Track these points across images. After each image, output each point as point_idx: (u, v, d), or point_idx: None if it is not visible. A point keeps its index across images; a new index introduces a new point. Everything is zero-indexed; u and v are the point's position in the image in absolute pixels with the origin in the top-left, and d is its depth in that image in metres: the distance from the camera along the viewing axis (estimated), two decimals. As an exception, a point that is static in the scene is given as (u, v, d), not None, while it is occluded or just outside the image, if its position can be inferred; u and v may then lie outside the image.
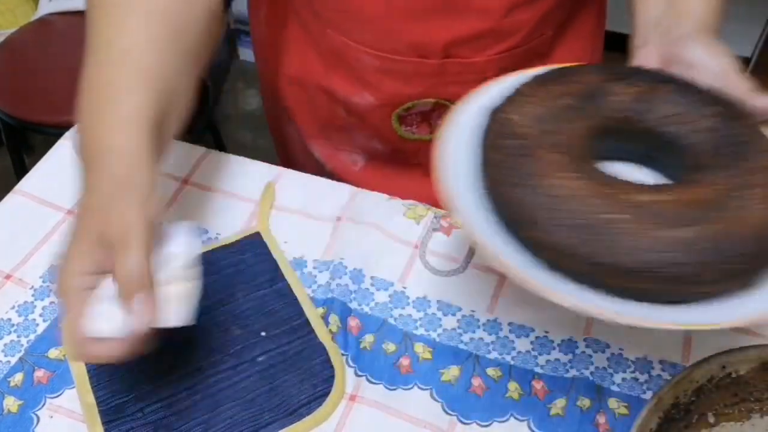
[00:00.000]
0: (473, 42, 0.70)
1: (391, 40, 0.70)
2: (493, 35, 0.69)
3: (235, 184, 0.73)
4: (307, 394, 0.58)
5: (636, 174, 0.56)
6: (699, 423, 0.55)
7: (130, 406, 0.57)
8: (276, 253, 0.67)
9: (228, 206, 0.71)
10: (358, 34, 0.71)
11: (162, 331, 0.50)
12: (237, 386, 0.58)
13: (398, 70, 0.72)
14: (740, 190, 0.46)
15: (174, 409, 0.57)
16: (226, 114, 2.15)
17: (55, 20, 1.62)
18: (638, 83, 0.53)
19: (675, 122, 0.52)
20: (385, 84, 0.74)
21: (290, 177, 0.74)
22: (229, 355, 0.60)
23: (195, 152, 0.76)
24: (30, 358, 0.60)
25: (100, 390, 0.58)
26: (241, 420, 0.56)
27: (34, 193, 0.72)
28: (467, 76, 0.72)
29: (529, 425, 0.57)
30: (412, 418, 0.57)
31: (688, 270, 0.44)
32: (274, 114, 0.91)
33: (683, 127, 0.52)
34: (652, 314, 0.45)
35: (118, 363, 0.50)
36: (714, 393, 0.54)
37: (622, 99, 0.53)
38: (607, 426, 0.56)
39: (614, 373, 0.59)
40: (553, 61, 0.76)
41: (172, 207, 0.71)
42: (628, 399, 0.58)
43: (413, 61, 0.71)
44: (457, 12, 0.67)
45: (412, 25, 0.68)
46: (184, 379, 0.59)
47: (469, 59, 0.71)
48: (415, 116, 0.77)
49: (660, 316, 0.45)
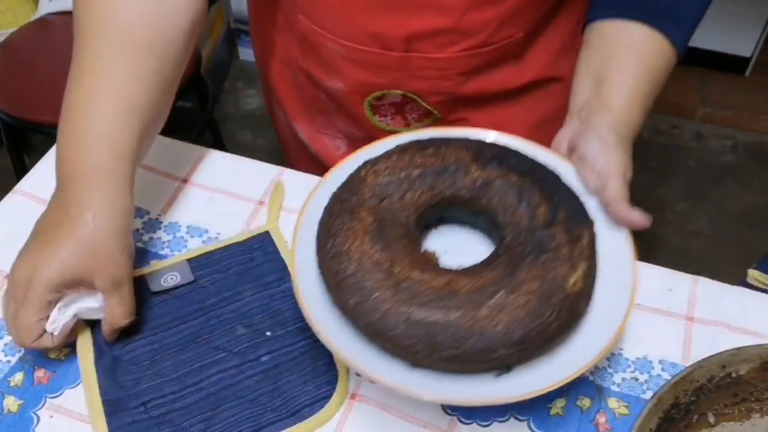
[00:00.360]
0: (434, 37, 0.69)
1: (354, 30, 0.70)
2: (454, 32, 0.69)
3: (235, 184, 0.73)
4: (310, 396, 0.58)
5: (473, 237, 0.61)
6: (699, 423, 0.55)
7: (133, 400, 0.57)
8: (284, 252, 0.67)
9: (228, 206, 0.71)
10: (324, 22, 0.71)
11: (169, 325, 0.58)
12: (240, 385, 0.58)
13: (363, 60, 0.72)
14: (505, 293, 0.50)
15: (177, 405, 0.57)
16: (226, 113, 2.15)
17: (55, 20, 1.61)
18: (496, 169, 0.57)
19: (504, 212, 0.56)
20: (353, 72, 0.74)
21: (290, 176, 0.74)
22: (234, 354, 0.60)
23: (195, 152, 0.76)
24: (30, 358, 0.60)
25: (106, 382, 0.58)
26: (243, 419, 0.56)
27: (34, 193, 0.72)
28: (430, 71, 0.72)
29: (529, 425, 0.57)
30: (413, 418, 0.57)
31: (420, 345, 0.50)
32: (268, 99, 0.92)
33: (509, 218, 0.56)
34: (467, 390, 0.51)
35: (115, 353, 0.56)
36: (714, 393, 0.54)
37: (473, 180, 0.57)
38: (607, 426, 0.56)
39: (614, 373, 0.59)
40: (528, 63, 0.75)
41: (172, 206, 0.71)
42: (628, 399, 0.58)
43: (376, 52, 0.71)
44: (414, 7, 0.67)
45: (373, 16, 0.68)
46: (187, 376, 0.59)
47: (431, 55, 0.70)
48: (389, 107, 0.77)
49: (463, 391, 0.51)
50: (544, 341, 0.50)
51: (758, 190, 1.90)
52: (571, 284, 0.51)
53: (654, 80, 0.62)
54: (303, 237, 0.57)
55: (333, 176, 0.60)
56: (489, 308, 0.50)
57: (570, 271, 0.51)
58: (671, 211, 1.85)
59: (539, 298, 0.50)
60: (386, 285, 0.51)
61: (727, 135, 2.05)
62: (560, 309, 0.50)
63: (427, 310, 0.50)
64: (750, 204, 1.88)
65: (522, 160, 0.58)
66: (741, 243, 1.79)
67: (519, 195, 0.56)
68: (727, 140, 2.03)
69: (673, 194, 1.89)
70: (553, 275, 0.51)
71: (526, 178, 0.56)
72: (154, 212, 0.71)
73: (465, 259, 0.56)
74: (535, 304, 0.50)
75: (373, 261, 0.53)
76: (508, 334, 0.49)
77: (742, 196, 1.89)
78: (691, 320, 0.62)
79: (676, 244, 1.79)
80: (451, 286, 0.51)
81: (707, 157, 1.99)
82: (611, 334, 0.52)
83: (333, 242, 0.54)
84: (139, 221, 0.70)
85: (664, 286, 0.64)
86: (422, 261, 0.54)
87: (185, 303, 0.63)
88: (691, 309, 0.63)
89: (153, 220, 0.70)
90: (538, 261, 0.52)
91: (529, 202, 0.55)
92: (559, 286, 0.51)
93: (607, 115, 0.59)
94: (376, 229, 0.55)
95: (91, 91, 0.60)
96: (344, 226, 0.55)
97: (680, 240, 1.80)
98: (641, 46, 0.62)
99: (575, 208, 0.55)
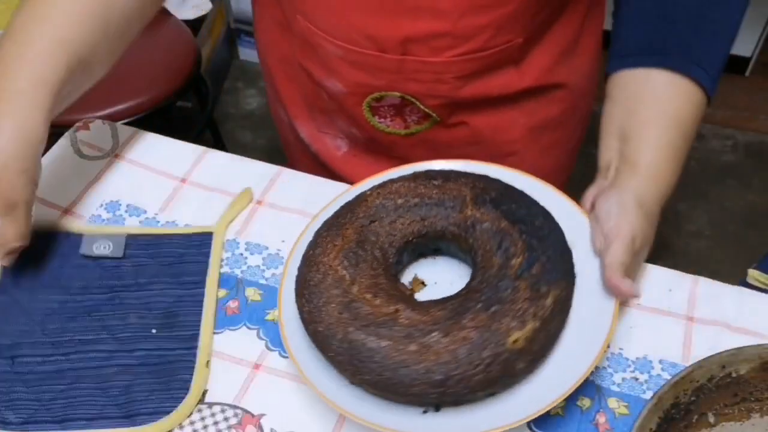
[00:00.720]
0: (430, 41, 0.68)
1: (351, 32, 0.69)
2: (450, 37, 0.68)
3: (235, 183, 0.73)
4: (152, 406, 0.57)
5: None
6: (699, 423, 0.54)
7: (6, 351, 0.58)
8: (216, 259, 0.66)
9: (227, 205, 0.71)
10: (321, 22, 0.71)
11: (77, 290, 0.62)
12: (102, 370, 0.58)
13: (360, 62, 0.72)
14: (439, 334, 0.51)
15: (40, 368, 0.58)
16: (226, 113, 2.15)
17: (55, 20, 1.61)
18: (490, 211, 0.58)
19: (482, 256, 0.56)
20: (351, 73, 0.73)
21: (290, 176, 0.74)
22: (114, 339, 0.60)
23: (194, 151, 0.76)
24: None
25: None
26: (87, 403, 0.56)
27: (34, 193, 0.72)
28: (426, 75, 0.71)
29: (528, 425, 0.57)
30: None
31: (348, 365, 0.53)
32: (272, 98, 0.92)
33: (483, 262, 0.56)
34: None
35: None
36: (714, 393, 0.54)
37: (465, 217, 0.58)
38: (607, 426, 0.56)
39: (614, 373, 0.59)
40: (527, 68, 0.74)
41: (170, 205, 0.71)
42: (628, 399, 0.58)
43: (373, 54, 0.70)
44: (410, 10, 0.66)
45: (369, 18, 0.68)
46: (64, 344, 0.59)
47: (426, 58, 0.70)
48: (388, 109, 0.77)
49: None
50: (467, 390, 0.51)
51: (758, 190, 1.90)
52: (511, 341, 0.51)
53: (683, 130, 0.59)
54: (304, 243, 0.61)
55: (355, 190, 0.64)
56: (419, 345, 0.51)
57: (516, 327, 0.51)
58: (671, 210, 1.85)
59: (471, 347, 0.51)
60: (338, 301, 0.54)
61: (728, 135, 2.05)
62: (490, 363, 0.50)
63: (363, 333, 0.52)
64: (750, 204, 1.88)
65: (522, 206, 0.58)
66: (741, 243, 1.79)
67: (500, 241, 0.56)
68: (728, 140, 2.03)
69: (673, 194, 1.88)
70: (496, 327, 0.51)
71: (516, 226, 0.56)
72: (152, 211, 0.70)
73: (452, 291, 0.57)
74: (463, 352, 0.50)
75: (337, 276, 0.56)
76: (427, 374, 0.50)
77: (742, 196, 1.89)
78: (691, 320, 0.62)
79: (676, 243, 1.79)
80: (396, 315, 0.53)
81: (707, 157, 1.99)
82: (560, 392, 0.52)
83: (314, 251, 0.58)
84: (136, 219, 0.70)
85: (664, 286, 0.64)
86: (383, 286, 0.56)
87: (102, 275, 0.64)
88: (691, 309, 0.63)
89: (150, 218, 0.70)
90: (487, 311, 0.52)
91: (507, 250, 0.55)
92: (498, 341, 0.51)
93: (632, 175, 0.57)
94: (353, 248, 0.57)
95: (27, 20, 0.61)
96: (328, 238, 0.58)
97: (680, 240, 1.80)
98: (665, 96, 0.59)
99: (555, 265, 0.54)
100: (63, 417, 0.56)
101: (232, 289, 0.65)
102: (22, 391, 0.57)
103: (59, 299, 0.62)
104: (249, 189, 0.72)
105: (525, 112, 0.78)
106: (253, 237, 0.69)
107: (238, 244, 0.68)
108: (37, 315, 0.61)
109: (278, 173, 0.74)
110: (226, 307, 0.64)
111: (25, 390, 0.57)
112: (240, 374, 0.59)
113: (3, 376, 0.57)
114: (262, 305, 0.64)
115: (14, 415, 0.55)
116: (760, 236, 1.80)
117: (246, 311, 0.63)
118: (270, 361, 0.60)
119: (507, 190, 0.59)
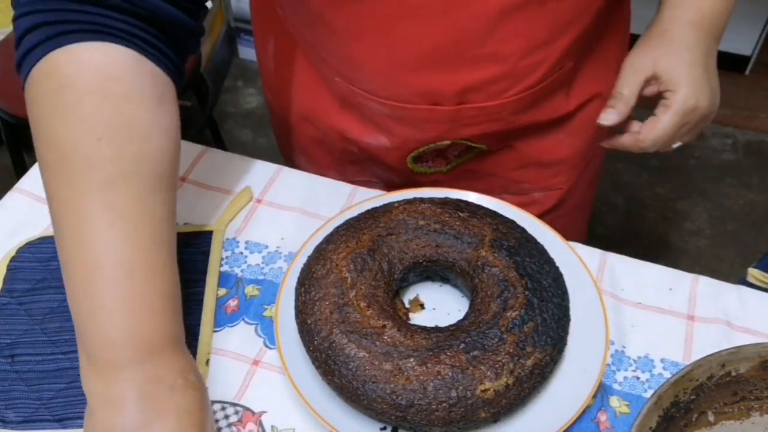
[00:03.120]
0: (488, 86, 0.66)
1: (400, 90, 0.67)
2: (510, 78, 0.65)
3: (235, 182, 0.73)
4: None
5: None
6: (699, 421, 0.54)
7: (6, 350, 0.59)
8: (215, 258, 0.66)
9: (226, 204, 0.71)
10: (366, 84, 0.68)
11: None
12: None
13: (410, 117, 0.69)
14: (415, 361, 0.52)
15: (40, 367, 0.58)
16: (225, 112, 2.15)
17: (55, 18, 1.61)
18: (503, 258, 0.58)
19: (482, 299, 0.57)
20: (399, 129, 0.71)
21: (289, 174, 0.74)
22: None
23: (194, 150, 0.76)
24: None
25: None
26: (85, 401, 0.53)
27: (34, 192, 0.71)
28: (483, 118, 0.69)
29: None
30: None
31: (323, 365, 0.54)
32: (287, 146, 0.88)
33: (481, 305, 0.56)
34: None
35: None
36: (714, 391, 0.54)
37: (477, 257, 0.58)
38: (608, 424, 0.56)
39: (616, 372, 0.59)
40: (575, 90, 0.73)
41: (172, 205, 0.71)
42: (630, 398, 0.58)
43: (425, 108, 0.67)
44: (469, 61, 0.63)
45: (420, 76, 0.65)
46: (63, 343, 0.60)
47: (484, 104, 0.67)
48: (430, 153, 0.75)
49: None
50: (425, 422, 0.51)
51: (758, 189, 1.90)
52: (481, 389, 0.51)
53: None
54: (319, 238, 0.62)
55: (387, 198, 0.66)
56: (393, 366, 0.52)
57: (489, 378, 0.51)
58: (671, 209, 1.85)
59: (440, 383, 0.51)
60: (333, 300, 0.55)
61: (727, 134, 2.04)
62: (454, 404, 0.51)
63: (346, 338, 0.53)
64: (750, 203, 1.88)
65: (536, 262, 0.58)
66: (741, 242, 1.79)
67: (502, 290, 0.56)
68: (727, 139, 2.03)
69: (673, 193, 1.89)
70: (471, 372, 0.51)
71: (524, 279, 0.56)
72: (154, 211, 0.70)
73: (447, 322, 0.58)
74: (432, 386, 0.51)
75: (339, 276, 0.56)
76: (392, 396, 0.51)
77: (742, 195, 1.89)
78: (692, 319, 0.62)
79: (676, 242, 1.79)
80: (382, 331, 0.54)
81: (707, 155, 1.99)
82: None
83: (326, 246, 0.59)
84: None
85: (664, 285, 0.64)
86: (379, 299, 0.56)
87: None
88: (692, 308, 0.63)
89: (152, 218, 0.70)
90: (468, 353, 0.52)
91: (506, 301, 0.55)
92: (468, 385, 0.51)
93: (677, 10, 0.64)
94: (363, 254, 0.58)
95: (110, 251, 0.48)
96: (344, 238, 0.59)
97: (680, 239, 1.80)
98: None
99: (548, 330, 0.54)
100: (63, 416, 0.56)
101: (231, 288, 0.65)
102: (22, 390, 0.57)
103: (59, 299, 0.62)
104: (248, 188, 0.72)
105: (569, 131, 0.77)
106: (253, 236, 0.69)
107: (238, 242, 0.68)
108: (37, 314, 0.61)
109: (278, 172, 0.74)
110: (226, 306, 0.64)
111: (25, 389, 0.57)
112: (240, 372, 0.59)
113: (3, 374, 0.58)
114: (260, 300, 0.64)
115: (14, 414, 0.56)
116: (760, 235, 1.80)
117: (244, 306, 0.63)
118: (269, 358, 0.60)
119: (527, 242, 0.59)
